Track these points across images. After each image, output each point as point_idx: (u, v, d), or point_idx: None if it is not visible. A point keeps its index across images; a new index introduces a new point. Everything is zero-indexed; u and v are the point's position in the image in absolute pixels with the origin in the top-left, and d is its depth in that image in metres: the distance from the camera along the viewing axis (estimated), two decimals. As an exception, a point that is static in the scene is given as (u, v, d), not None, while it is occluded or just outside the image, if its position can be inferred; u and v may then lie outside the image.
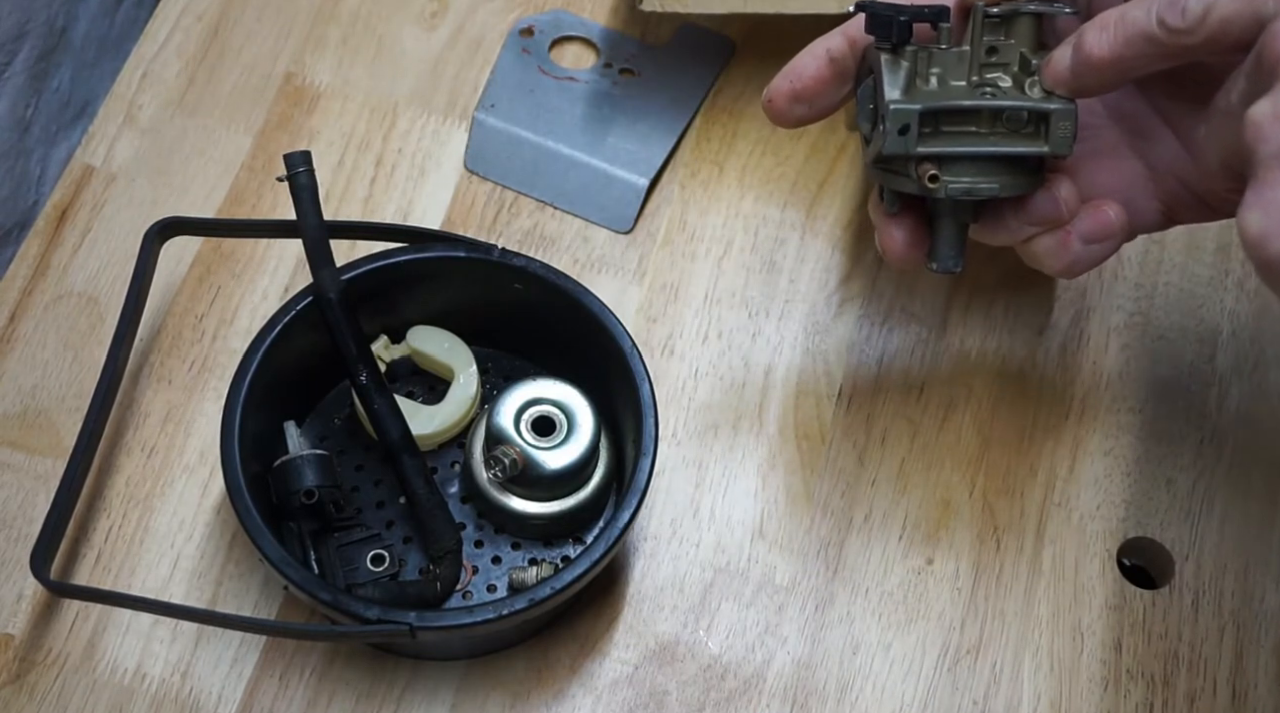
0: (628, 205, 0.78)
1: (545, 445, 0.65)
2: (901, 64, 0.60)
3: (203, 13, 0.83)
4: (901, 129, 0.59)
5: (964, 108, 0.60)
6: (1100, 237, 0.62)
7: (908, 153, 0.59)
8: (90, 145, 0.79)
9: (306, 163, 0.65)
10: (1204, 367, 0.77)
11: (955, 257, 0.63)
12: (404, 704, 0.67)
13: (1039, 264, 0.63)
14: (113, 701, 0.66)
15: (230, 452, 0.62)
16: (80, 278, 0.75)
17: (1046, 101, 0.59)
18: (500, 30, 0.83)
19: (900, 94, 0.60)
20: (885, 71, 0.60)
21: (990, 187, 0.60)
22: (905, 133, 0.59)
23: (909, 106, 0.59)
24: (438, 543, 0.65)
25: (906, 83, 0.60)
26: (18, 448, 0.71)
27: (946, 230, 0.63)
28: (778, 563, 0.70)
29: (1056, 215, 0.61)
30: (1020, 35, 0.61)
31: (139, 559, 0.69)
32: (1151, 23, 0.55)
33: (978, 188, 0.60)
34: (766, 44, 0.84)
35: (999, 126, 0.60)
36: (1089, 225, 0.62)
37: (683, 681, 0.68)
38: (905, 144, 0.59)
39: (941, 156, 0.60)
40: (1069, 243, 0.62)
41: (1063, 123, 0.59)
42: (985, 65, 0.61)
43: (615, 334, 0.66)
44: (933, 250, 0.63)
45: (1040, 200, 0.61)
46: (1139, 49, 0.56)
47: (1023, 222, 0.62)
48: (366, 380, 0.65)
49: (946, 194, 0.60)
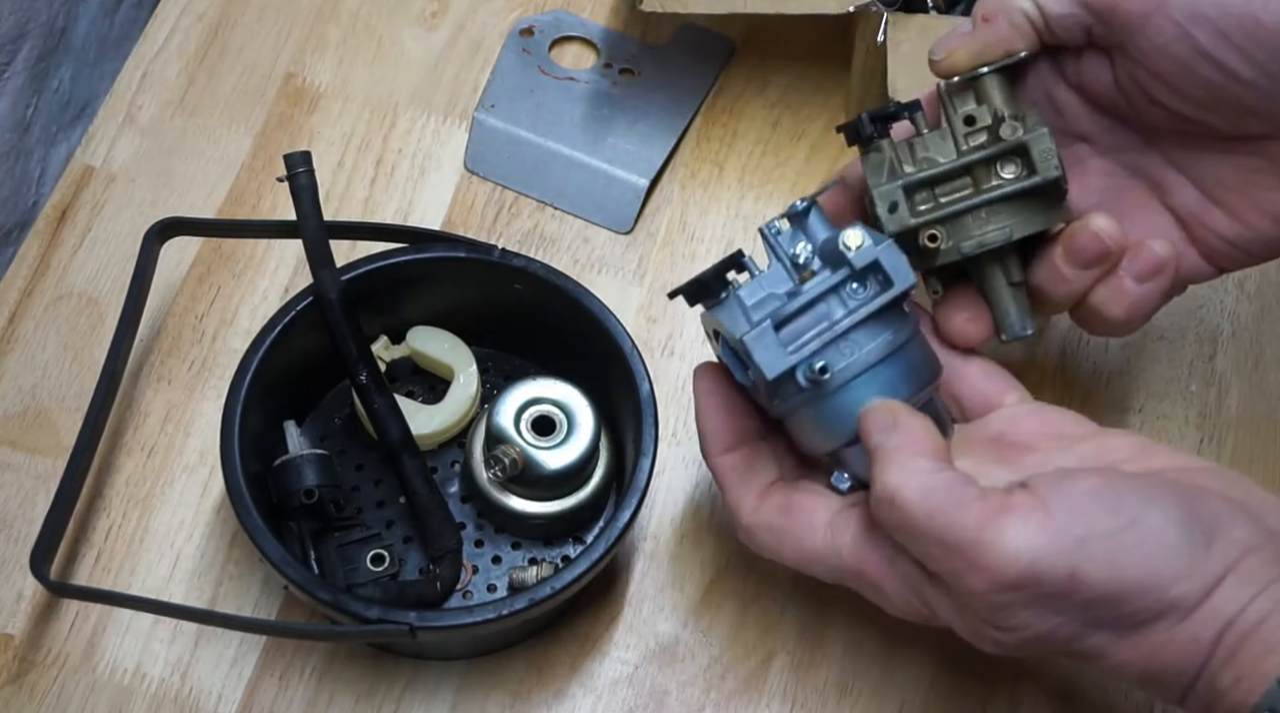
0: (628, 205, 0.78)
1: (545, 445, 0.65)
2: (883, 158, 0.62)
3: (203, 13, 0.83)
4: (890, 208, 0.61)
5: (944, 172, 0.61)
6: (1150, 272, 0.61)
7: (905, 226, 0.61)
8: (90, 145, 0.79)
9: (306, 163, 0.65)
10: (1204, 367, 0.76)
11: (1019, 320, 0.63)
12: (404, 704, 0.67)
13: (1103, 320, 0.63)
14: (112, 701, 0.66)
15: (230, 452, 0.62)
16: (80, 278, 0.75)
17: (1019, 135, 0.60)
18: (500, 30, 0.83)
19: (885, 179, 0.61)
20: (868, 171, 0.62)
21: (1000, 232, 0.61)
22: (895, 210, 0.61)
23: (890, 185, 0.61)
24: (438, 543, 0.65)
25: (889, 171, 0.61)
26: (18, 448, 0.71)
27: (998, 293, 0.63)
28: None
29: (1098, 246, 0.61)
30: (990, 96, 0.62)
31: (139, 559, 0.69)
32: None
33: (988, 238, 0.61)
34: (766, 44, 0.84)
35: (994, 179, 0.61)
36: (1138, 263, 0.61)
37: (683, 681, 0.68)
38: (900, 219, 0.61)
39: (939, 218, 0.61)
40: (1123, 285, 0.62)
41: (1040, 147, 0.60)
42: (968, 134, 0.62)
43: (615, 334, 0.66)
44: (996, 320, 0.64)
45: (1079, 235, 0.61)
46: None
47: (1071, 263, 0.62)
48: (366, 380, 0.65)
49: (961, 255, 0.61)
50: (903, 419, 0.56)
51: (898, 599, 0.57)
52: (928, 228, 0.61)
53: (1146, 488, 0.53)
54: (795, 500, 0.60)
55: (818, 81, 0.82)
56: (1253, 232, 0.62)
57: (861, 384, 0.57)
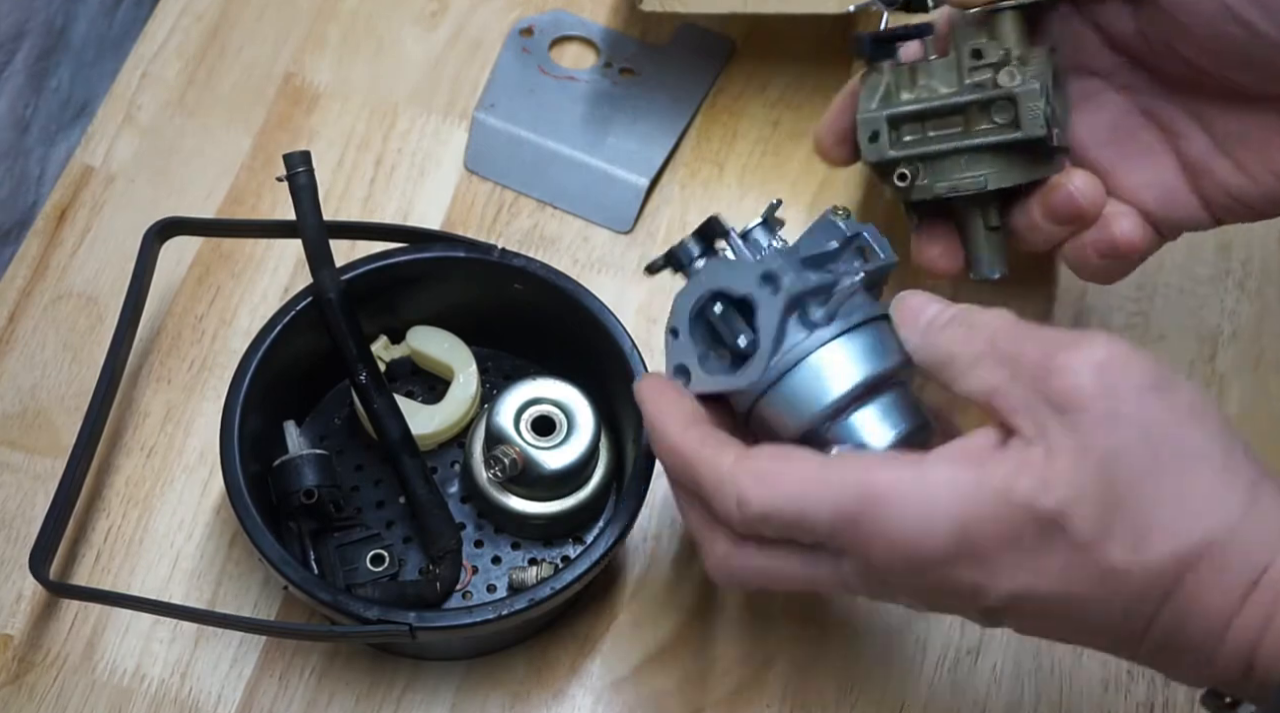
0: (628, 205, 0.78)
1: (545, 445, 0.65)
2: (880, 80, 0.61)
3: (202, 13, 0.83)
4: (871, 136, 0.61)
5: (933, 108, 0.60)
6: (1107, 251, 0.62)
7: (883, 158, 0.60)
8: (90, 145, 0.79)
9: (306, 163, 0.65)
10: (1204, 367, 0.76)
11: (990, 261, 0.63)
12: (404, 704, 0.67)
13: (1078, 272, 0.63)
14: (112, 701, 0.66)
15: (230, 452, 0.62)
16: (80, 278, 0.75)
17: (1012, 84, 0.59)
18: (500, 30, 0.83)
19: (875, 105, 0.61)
20: (862, 92, 0.61)
21: (976, 181, 0.61)
22: (875, 140, 0.60)
23: (874, 114, 0.60)
24: (438, 543, 0.65)
25: (883, 95, 0.61)
26: (17, 448, 0.71)
27: (973, 235, 0.63)
28: (778, 563, 0.70)
29: (1072, 206, 0.61)
30: (1004, 34, 0.61)
31: (138, 560, 0.69)
32: None
33: (962, 184, 0.61)
34: (766, 44, 0.83)
35: (984, 122, 0.60)
36: (1101, 240, 0.62)
37: (683, 681, 0.68)
38: (878, 150, 0.61)
39: (916, 157, 0.61)
40: (1084, 252, 0.62)
41: (1030, 103, 0.59)
42: (973, 68, 0.61)
43: (615, 334, 0.66)
44: (967, 258, 0.64)
45: (1056, 192, 0.61)
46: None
47: (1045, 217, 0.62)
48: (366, 380, 0.65)
49: (934, 196, 0.61)
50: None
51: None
52: (901, 164, 0.61)
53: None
54: (787, 450, 0.54)
55: (818, 81, 0.82)
56: (1258, 187, 0.61)
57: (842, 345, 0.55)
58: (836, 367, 0.55)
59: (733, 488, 0.51)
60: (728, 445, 0.53)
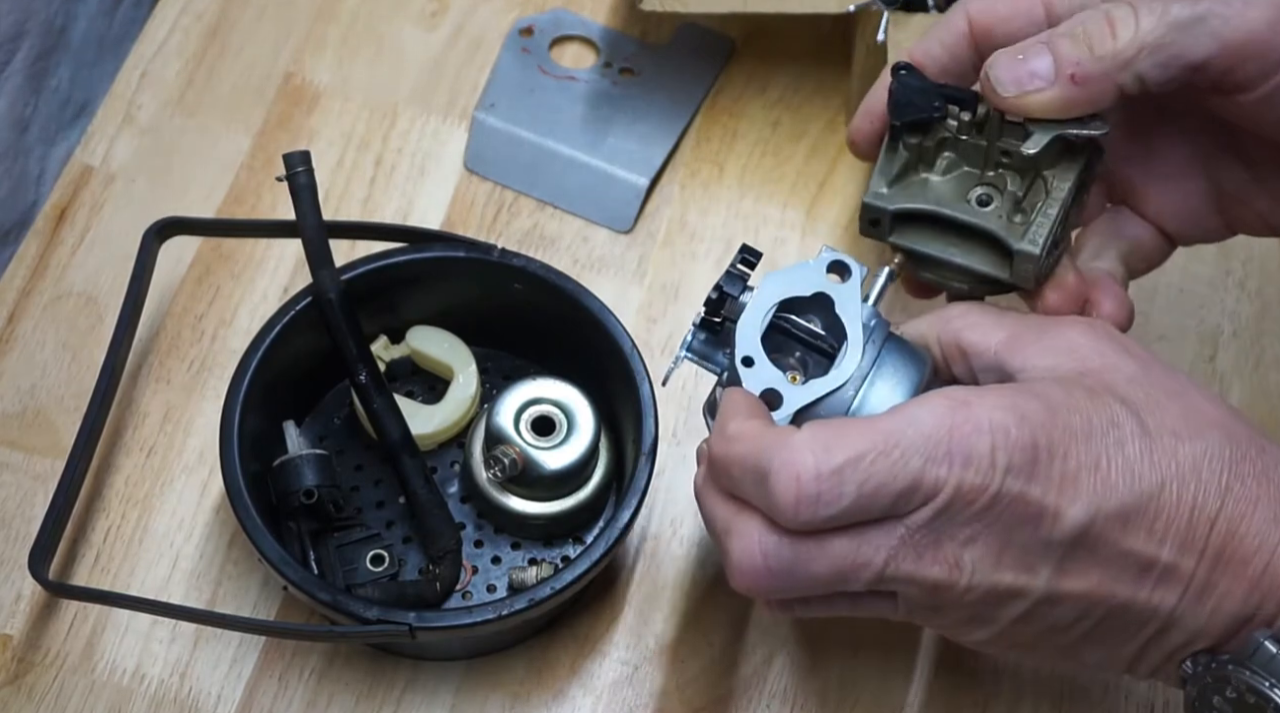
0: (628, 205, 0.78)
1: (545, 446, 0.65)
2: (899, 159, 0.58)
3: (202, 13, 0.83)
4: (873, 221, 0.58)
5: (942, 217, 0.57)
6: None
7: (878, 240, 0.59)
8: (89, 145, 0.79)
9: (306, 163, 0.65)
10: (1204, 367, 0.76)
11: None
12: (404, 704, 0.67)
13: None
14: (111, 701, 0.66)
15: (230, 452, 0.62)
16: (79, 278, 0.75)
17: (1013, 238, 0.56)
18: (500, 30, 0.83)
19: (886, 186, 0.58)
20: (881, 158, 0.58)
21: (959, 287, 0.59)
22: (877, 225, 0.58)
23: (882, 202, 0.58)
24: (437, 543, 0.65)
25: (899, 172, 0.58)
26: (16, 448, 0.71)
27: (952, 296, 0.61)
28: (778, 563, 0.70)
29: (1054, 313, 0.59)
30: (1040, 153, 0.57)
31: (138, 560, 0.69)
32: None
33: (949, 285, 0.59)
34: (766, 44, 0.84)
35: (983, 249, 0.58)
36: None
37: (683, 681, 0.68)
38: (879, 235, 0.59)
39: (911, 253, 0.58)
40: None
41: (1025, 265, 0.56)
42: (1000, 164, 0.58)
43: (615, 334, 0.66)
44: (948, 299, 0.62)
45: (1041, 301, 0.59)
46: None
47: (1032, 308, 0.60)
48: (366, 380, 0.65)
49: (916, 275, 0.60)
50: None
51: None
52: (894, 249, 0.59)
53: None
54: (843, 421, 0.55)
55: (818, 81, 0.82)
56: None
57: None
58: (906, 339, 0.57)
59: (808, 454, 0.50)
60: (791, 430, 0.52)
